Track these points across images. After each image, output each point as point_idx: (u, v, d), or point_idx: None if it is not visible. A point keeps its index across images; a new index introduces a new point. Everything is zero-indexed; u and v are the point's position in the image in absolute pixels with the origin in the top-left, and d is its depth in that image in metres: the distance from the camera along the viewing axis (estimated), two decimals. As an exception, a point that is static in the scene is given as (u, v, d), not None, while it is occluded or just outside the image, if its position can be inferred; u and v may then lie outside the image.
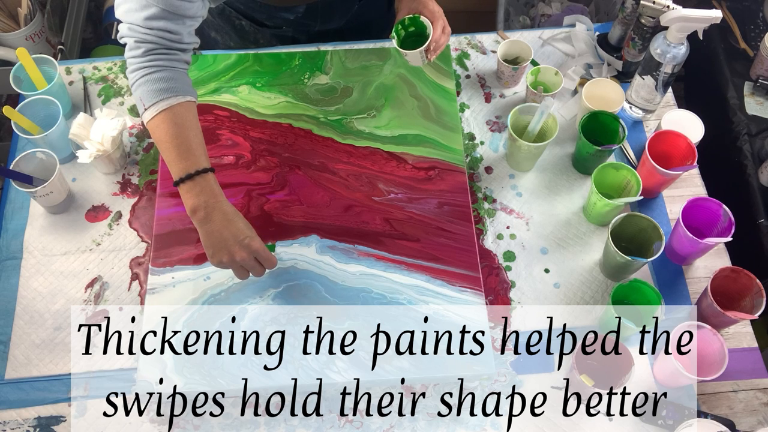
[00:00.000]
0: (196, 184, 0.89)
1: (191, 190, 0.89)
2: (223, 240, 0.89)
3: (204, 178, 0.90)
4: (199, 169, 0.89)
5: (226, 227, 0.89)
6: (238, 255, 0.89)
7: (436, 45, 1.06)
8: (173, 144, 0.89)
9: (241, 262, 0.90)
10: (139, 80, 0.90)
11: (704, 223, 1.03)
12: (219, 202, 0.90)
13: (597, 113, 1.09)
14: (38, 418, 0.94)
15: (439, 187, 1.09)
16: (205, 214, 0.89)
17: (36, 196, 1.03)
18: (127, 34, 0.90)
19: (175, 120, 0.89)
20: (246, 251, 0.90)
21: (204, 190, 0.89)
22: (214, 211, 0.89)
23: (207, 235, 0.90)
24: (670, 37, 1.04)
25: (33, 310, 1.02)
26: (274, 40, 1.27)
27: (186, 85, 0.92)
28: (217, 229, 0.89)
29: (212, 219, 0.89)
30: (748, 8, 1.60)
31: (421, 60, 1.08)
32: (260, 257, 0.92)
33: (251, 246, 0.90)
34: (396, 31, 1.08)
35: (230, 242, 0.89)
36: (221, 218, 0.90)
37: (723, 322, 0.96)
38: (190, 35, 0.93)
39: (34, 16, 1.58)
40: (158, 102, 0.89)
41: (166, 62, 0.90)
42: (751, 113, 1.43)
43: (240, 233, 0.90)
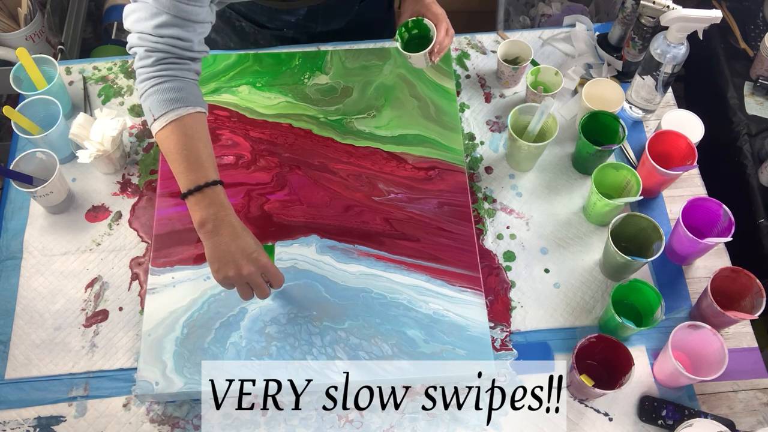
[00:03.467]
0: (206, 196, 0.87)
1: (200, 203, 0.87)
2: (230, 253, 0.87)
3: (213, 190, 0.88)
4: (209, 182, 0.87)
5: (233, 241, 0.87)
6: (245, 269, 0.87)
7: (440, 47, 1.05)
8: (182, 155, 0.87)
9: (248, 277, 0.88)
10: (148, 90, 0.88)
11: (704, 223, 1.03)
12: (228, 215, 0.88)
13: (597, 113, 1.09)
14: (38, 418, 0.94)
15: (439, 187, 1.09)
16: (214, 227, 0.87)
17: (36, 196, 1.03)
18: (137, 43, 0.88)
19: (185, 131, 0.88)
20: (254, 265, 0.87)
21: (213, 202, 0.87)
22: (223, 224, 0.87)
23: (214, 249, 0.87)
24: (670, 37, 1.04)
25: (33, 310, 1.02)
26: (275, 42, 1.27)
27: (197, 96, 0.91)
28: (225, 242, 0.87)
29: (220, 232, 0.87)
30: (748, 8, 1.59)
31: (425, 62, 1.07)
32: (268, 273, 0.89)
33: (259, 261, 0.88)
34: (399, 34, 1.07)
35: (237, 256, 0.87)
36: (230, 232, 0.87)
37: (723, 322, 0.96)
38: (201, 43, 0.91)
39: (34, 16, 1.58)
40: (168, 112, 0.87)
41: (177, 72, 0.89)
42: (751, 113, 1.43)
43: (248, 247, 0.88)
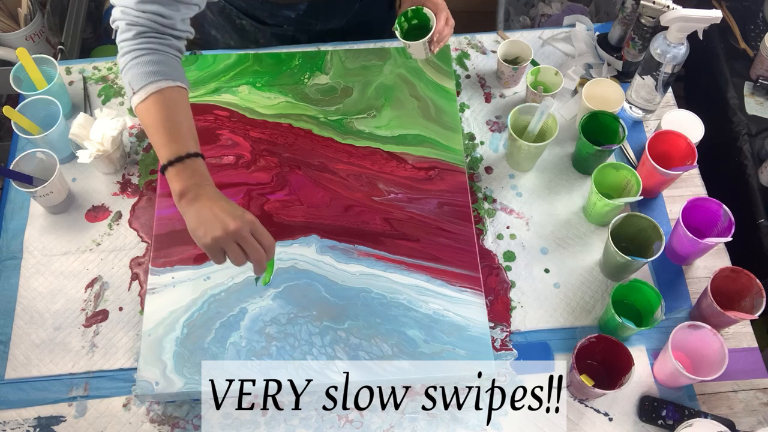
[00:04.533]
0: (186, 167, 0.84)
1: (180, 173, 0.84)
2: (214, 215, 0.82)
3: (195, 162, 0.85)
4: (190, 153, 0.85)
5: (216, 203, 0.83)
6: (232, 224, 0.82)
7: (439, 36, 1.05)
8: (163, 127, 0.85)
9: (236, 233, 0.82)
10: (129, 63, 0.87)
11: (704, 223, 1.03)
12: (210, 185, 0.85)
13: (597, 113, 1.09)
14: (38, 418, 0.94)
15: (439, 187, 1.09)
16: (195, 195, 0.83)
17: (36, 196, 1.03)
18: (119, 17, 0.88)
19: (166, 103, 0.85)
20: (240, 221, 0.82)
21: (195, 173, 0.84)
22: (204, 192, 0.84)
23: (197, 215, 0.83)
24: (670, 37, 1.04)
25: (33, 310, 1.02)
26: (274, 40, 1.27)
27: (178, 71, 0.89)
28: (207, 205, 0.83)
29: (201, 199, 0.83)
30: (748, 8, 1.60)
31: (425, 52, 1.07)
32: (256, 231, 0.84)
33: (245, 216, 0.83)
34: (399, 23, 1.07)
35: (222, 215, 0.82)
36: (211, 197, 0.84)
37: (723, 322, 0.96)
38: (184, 23, 0.90)
39: (34, 16, 1.58)
40: (147, 85, 0.85)
41: (158, 46, 0.88)
42: (751, 113, 1.43)
43: (233, 208, 0.84)
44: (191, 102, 0.89)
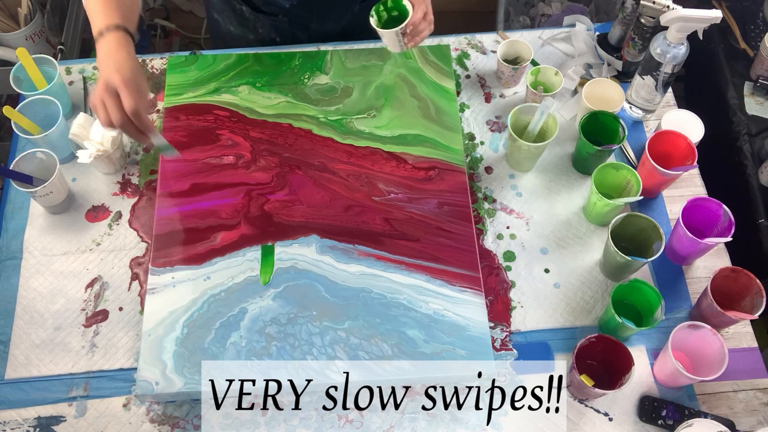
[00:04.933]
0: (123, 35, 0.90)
1: (113, 41, 0.89)
2: (109, 60, 0.88)
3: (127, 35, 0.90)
4: (124, 27, 0.90)
5: (117, 51, 0.89)
6: (112, 78, 0.87)
7: (414, 30, 1.02)
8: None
9: (102, 92, 0.87)
10: None
11: (704, 223, 1.03)
12: (131, 50, 0.90)
13: (597, 113, 1.09)
14: (38, 418, 0.94)
15: (439, 187, 1.09)
16: (113, 39, 0.89)
17: (36, 196, 1.03)
18: None
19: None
20: (119, 76, 0.87)
21: (125, 41, 0.89)
22: (120, 43, 0.89)
23: (102, 56, 0.89)
24: (670, 37, 1.04)
25: (33, 310, 1.02)
26: (273, 31, 1.27)
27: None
28: (110, 51, 0.88)
29: (111, 44, 0.89)
30: (748, 8, 1.60)
31: (399, 45, 1.04)
32: (122, 92, 0.87)
33: (125, 74, 0.87)
34: (376, 11, 1.04)
35: (110, 64, 0.88)
36: (119, 47, 0.89)
37: (723, 322, 0.96)
38: None
39: (34, 16, 1.58)
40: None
41: None
42: (751, 113, 1.43)
43: (125, 64, 0.88)
44: (191, 102, 0.89)
